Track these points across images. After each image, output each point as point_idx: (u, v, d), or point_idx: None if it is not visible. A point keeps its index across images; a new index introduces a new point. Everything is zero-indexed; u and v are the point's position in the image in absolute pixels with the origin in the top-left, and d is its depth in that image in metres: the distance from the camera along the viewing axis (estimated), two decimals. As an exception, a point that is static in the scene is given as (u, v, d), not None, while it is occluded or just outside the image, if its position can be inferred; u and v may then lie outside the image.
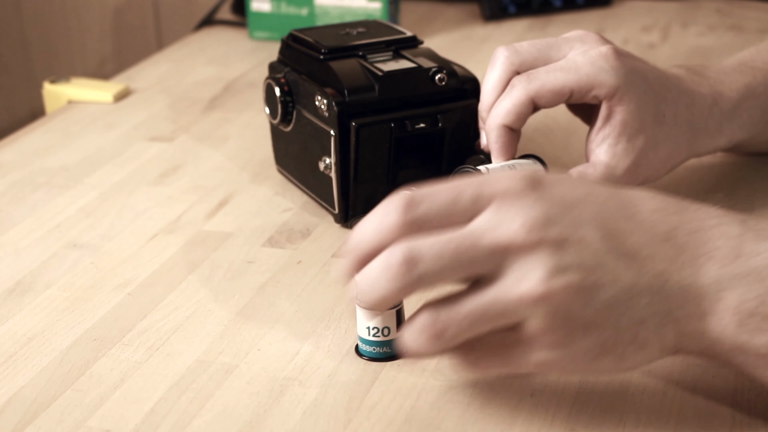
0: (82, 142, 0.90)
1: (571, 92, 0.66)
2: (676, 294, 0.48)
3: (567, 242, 0.46)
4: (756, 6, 1.30)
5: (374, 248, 0.48)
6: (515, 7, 1.26)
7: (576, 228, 0.47)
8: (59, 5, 1.66)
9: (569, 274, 0.46)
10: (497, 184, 0.48)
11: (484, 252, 0.46)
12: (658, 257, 0.48)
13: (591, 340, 0.47)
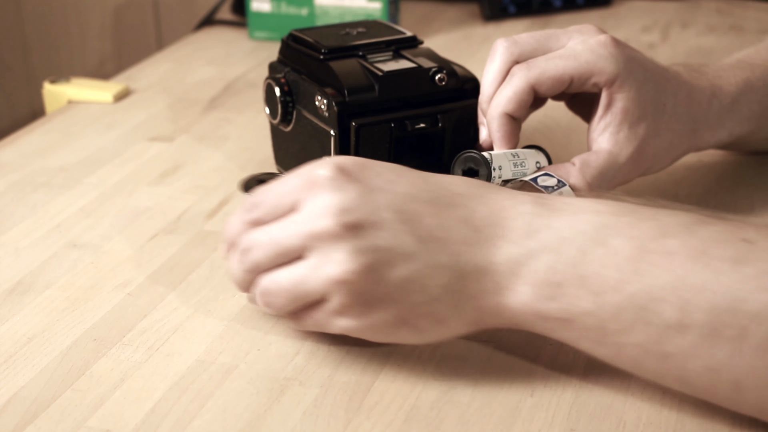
0: (82, 142, 0.90)
1: (570, 79, 0.66)
2: (471, 272, 0.52)
3: (364, 226, 0.52)
4: (756, 6, 1.30)
5: (231, 242, 0.56)
6: (515, 7, 1.26)
7: (374, 213, 0.52)
8: (59, 5, 1.66)
9: (365, 256, 0.51)
10: (308, 175, 0.54)
11: (295, 240, 0.53)
12: (453, 238, 0.52)
13: (388, 314, 0.53)
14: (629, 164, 0.67)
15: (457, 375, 0.56)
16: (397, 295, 0.52)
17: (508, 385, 0.55)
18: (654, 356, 0.50)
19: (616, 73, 0.66)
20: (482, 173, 0.64)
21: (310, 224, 0.52)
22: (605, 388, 0.54)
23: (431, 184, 0.54)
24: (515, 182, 0.65)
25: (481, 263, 0.52)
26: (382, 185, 0.53)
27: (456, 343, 0.59)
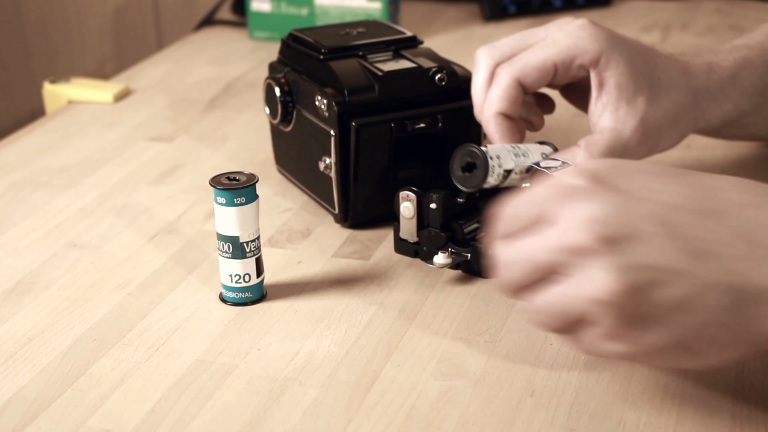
0: (82, 142, 0.90)
1: (554, 65, 0.66)
2: (754, 292, 0.46)
3: (626, 241, 0.46)
4: (756, 6, 1.30)
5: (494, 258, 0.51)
6: (515, 7, 1.26)
7: (635, 226, 0.46)
8: (59, 5, 1.66)
9: (628, 274, 0.45)
10: (560, 184, 0.48)
11: (549, 255, 0.47)
12: (728, 253, 0.46)
13: (662, 338, 0.47)
14: (635, 139, 0.66)
15: (457, 375, 0.56)
16: (670, 318, 0.46)
17: (508, 385, 0.55)
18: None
19: (599, 51, 0.66)
20: (479, 164, 0.63)
21: (565, 238, 0.47)
22: (605, 388, 0.54)
23: (698, 190, 0.48)
24: (519, 171, 0.64)
25: (764, 283, 0.46)
26: (642, 193, 0.47)
27: (456, 342, 0.59)
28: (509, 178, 0.64)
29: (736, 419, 0.52)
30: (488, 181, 0.63)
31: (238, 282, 0.62)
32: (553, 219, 0.48)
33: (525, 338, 0.59)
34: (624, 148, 0.66)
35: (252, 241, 0.62)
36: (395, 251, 0.69)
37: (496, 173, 0.63)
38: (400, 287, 0.65)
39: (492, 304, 0.63)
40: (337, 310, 0.62)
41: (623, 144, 0.66)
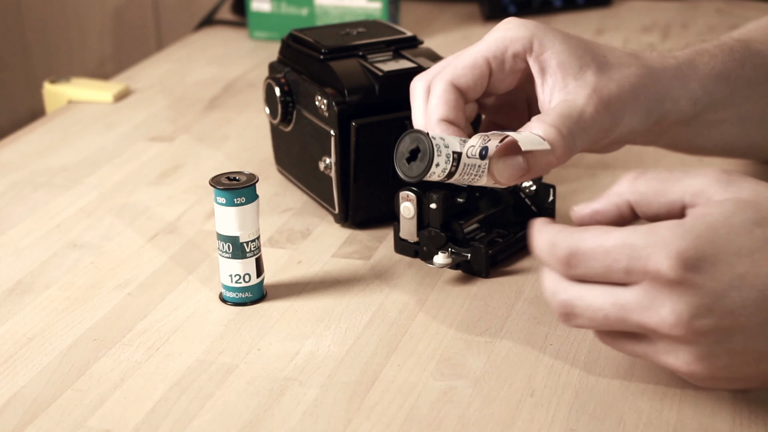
0: (82, 142, 0.90)
1: (486, 61, 0.63)
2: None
3: (720, 331, 0.47)
4: (756, 6, 1.30)
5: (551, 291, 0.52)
6: (515, 7, 1.26)
7: (729, 317, 0.47)
8: (59, 5, 1.66)
9: (718, 358, 0.48)
10: (649, 262, 0.47)
11: (632, 326, 0.49)
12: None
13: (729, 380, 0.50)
14: (591, 107, 0.61)
15: (457, 375, 0.56)
16: (744, 374, 0.49)
17: (508, 385, 0.55)
18: None
19: (529, 36, 0.63)
20: (423, 147, 0.57)
21: (654, 321, 0.47)
22: (605, 388, 0.54)
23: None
24: (471, 155, 0.58)
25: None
26: (734, 282, 0.46)
27: (456, 342, 0.59)
28: (464, 165, 0.58)
29: (736, 419, 0.52)
30: (437, 162, 0.56)
31: (238, 282, 0.62)
32: (637, 291, 0.48)
33: (525, 338, 0.59)
34: (580, 116, 0.61)
35: (252, 241, 0.62)
36: (395, 251, 0.69)
37: (444, 154, 0.57)
38: (400, 287, 0.65)
39: (492, 304, 0.63)
40: (337, 310, 0.62)
41: (578, 111, 0.61)
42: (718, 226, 0.47)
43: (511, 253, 0.68)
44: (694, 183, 0.50)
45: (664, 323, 0.47)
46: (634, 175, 0.53)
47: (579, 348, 0.58)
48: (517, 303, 0.62)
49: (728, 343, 0.47)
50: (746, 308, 0.46)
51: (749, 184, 0.49)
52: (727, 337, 0.47)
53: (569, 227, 0.51)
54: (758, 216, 0.47)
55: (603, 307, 0.49)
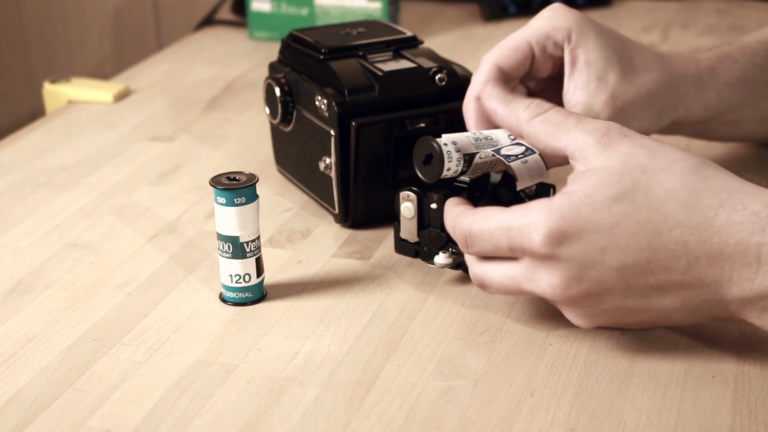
0: (82, 142, 0.90)
1: (529, 46, 0.67)
2: (706, 303, 0.54)
3: (592, 297, 0.54)
4: (756, 6, 1.30)
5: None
6: (515, 7, 1.26)
7: (598, 285, 0.54)
8: (59, 5, 1.66)
9: (595, 318, 0.56)
10: (524, 242, 0.54)
11: (528, 294, 0.56)
12: (681, 289, 0.54)
13: (627, 320, 0.56)
14: (605, 113, 0.66)
15: (457, 375, 0.56)
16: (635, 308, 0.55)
17: (508, 385, 0.55)
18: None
19: (569, 27, 0.67)
20: (435, 153, 0.61)
21: (540, 290, 0.55)
22: (605, 388, 0.54)
23: (648, 238, 0.53)
24: (484, 156, 0.62)
25: (717, 297, 0.53)
26: (596, 255, 0.53)
27: (456, 342, 0.59)
28: (476, 165, 0.62)
29: (736, 419, 0.52)
30: (449, 167, 0.61)
31: (238, 282, 0.62)
32: (520, 262, 0.56)
33: (525, 338, 0.59)
34: None
35: (252, 241, 0.62)
36: (395, 251, 0.69)
37: (455, 159, 0.61)
38: (400, 287, 0.65)
39: (492, 304, 0.63)
40: (337, 310, 0.62)
41: (594, 117, 0.66)
42: (580, 206, 0.53)
43: (511, 253, 0.68)
44: (578, 139, 0.56)
45: (544, 293, 0.55)
46: (535, 111, 0.60)
47: (579, 348, 0.58)
48: (517, 303, 0.62)
49: (602, 304, 0.54)
50: (610, 275, 0.53)
51: (623, 149, 0.55)
52: (600, 300, 0.54)
53: (468, 209, 0.59)
54: (618, 191, 0.53)
55: (501, 280, 0.57)
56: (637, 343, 0.58)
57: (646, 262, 0.53)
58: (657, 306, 0.54)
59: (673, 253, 0.52)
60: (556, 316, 0.61)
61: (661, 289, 0.54)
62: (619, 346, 0.58)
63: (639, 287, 0.54)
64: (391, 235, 0.70)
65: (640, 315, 0.55)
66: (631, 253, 0.53)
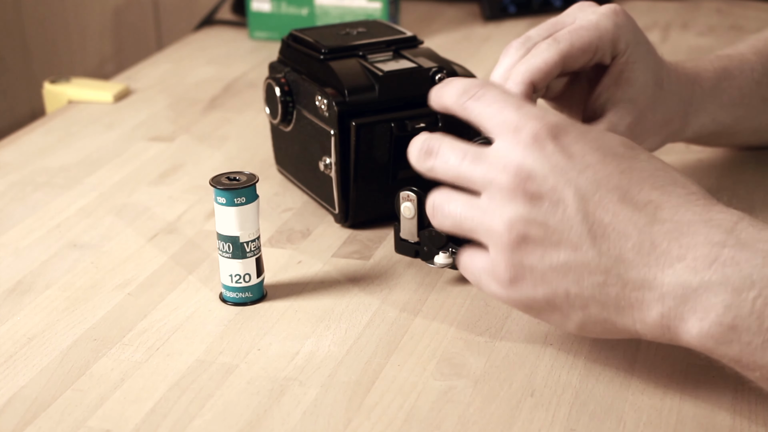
0: (82, 142, 0.90)
1: (595, 49, 0.65)
2: (635, 283, 0.49)
3: (543, 199, 0.50)
4: (756, 6, 1.30)
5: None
6: (515, 7, 1.26)
7: (558, 190, 0.50)
8: (59, 5, 1.66)
9: (531, 226, 0.51)
10: (518, 122, 0.52)
11: (476, 177, 0.53)
12: (625, 243, 0.49)
13: (537, 294, 0.52)
14: (625, 135, 0.65)
15: (457, 375, 0.56)
16: (548, 279, 0.51)
17: (508, 385, 0.55)
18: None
19: (629, 40, 0.66)
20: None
21: (495, 173, 0.52)
22: (605, 388, 0.54)
23: (627, 178, 0.51)
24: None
25: (648, 277, 0.49)
26: (579, 163, 0.51)
27: (456, 342, 0.59)
28: None
29: (736, 419, 0.52)
30: None
31: (238, 282, 0.62)
32: (497, 144, 0.52)
33: (525, 338, 0.59)
34: None
35: (252, 241, 0.62)
36: (395, 251, 0.69)
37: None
38: (400, 287, 0.65)
39: (492, 304, 0.63)
40: (337, 310, 0.62)
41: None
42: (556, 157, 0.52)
43: (511, 253, 0.68)
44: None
45: (504, 174, 0.52)
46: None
47: (579, 348, 0.58)
48: (517, 303, 0.62)
49: (546, 214, 0.50)
50: (573, 189, 0.50)
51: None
52: (548, 208, 0.50)
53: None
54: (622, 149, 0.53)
55: (458, 203, 0.54)
56: (637, 343, 0.58)
57: (613, 198, 0.50)
58: (589, 254, 0.50)
59: (641, 203, 0.50)
60: (556, 316, 0.61)
61: (604, 236, 0.49)
62: (619, 346, 0.58)
63: (592, 218, 0.50)
64: (391, 235, 0.70)
65: (563, 252, 0.50)
66: (606, 178, 0.50)
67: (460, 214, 0.54)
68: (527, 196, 0.51)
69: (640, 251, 0.49)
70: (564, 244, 0.50)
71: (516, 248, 0.51)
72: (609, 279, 0.50)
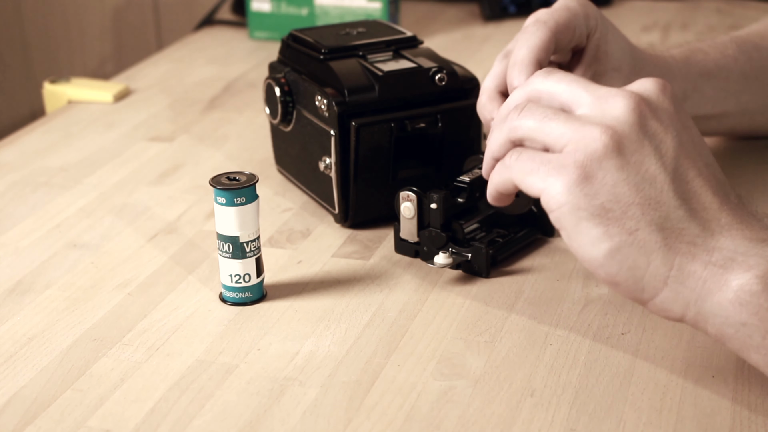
0: (82, 142, 0.90)
1: (574, 27, 0.67)
2: (691, 235, 0.51)
3: (648, 127, 0.52)
4: (756, 6, 1.30)
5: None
6: (515, 7, 1.26)
7: (664, 126, 0.53)
8: (59, 5, 1.66)
9: (629, 142, 0.52)
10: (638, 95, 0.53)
11: (563, 132, 0.53)
12: (698, 203, 0.52)
13: (599, 199, 0.51)
14: None
15: (457, 375, 0.56)
16: (619, 189, 0.51)
17: (508, 385, 0.55)
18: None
19: (597, 18, 0.68)
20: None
21: (613, 95, 0.53)
22: (605, 388, 0.54)
23: (709, 155, 0.54)
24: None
25: (705, 233, 0.51)
26: (684, 121, 0.54)
27: (456, 342, 0.59)
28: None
29: (736, 419, 0.52)
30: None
31: (238, 282, 0.62)
32: (591, 113, 0.53)
33: (525, 338, 0.59)
34: None
35: (252, 241, 0.62)
36: (395, 251, 0.69)
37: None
38: (400, 287, 0.65)
39: (492, 304, 0.63)
40: (337, 310, 0.62)
41: None
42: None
43: (511, 253, 0.68)
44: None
45: (605, 120, 0.52)
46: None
47: (579, 348, 0.58)
48: (517, 303, 0.62)
49: (643, 162, 0.52)
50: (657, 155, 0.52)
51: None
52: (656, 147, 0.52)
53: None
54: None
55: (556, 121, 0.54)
56: (637, 343, 0.58)
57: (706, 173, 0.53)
58: (665, 210, 0.52)
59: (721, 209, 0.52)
60: (556, 316, 0.61)
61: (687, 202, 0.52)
62: (619, 346, 0.58)
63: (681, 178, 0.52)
64: (391, 235, 0.70)
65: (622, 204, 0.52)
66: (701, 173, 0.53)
67: (553, 114, 0.53)
68: (639, 115, 0.52)
69: (705, 214, 0.52)
70: (648, 171, 0.52)
71: (604, 151, 0.51)
72: (671, 218, 0.51)
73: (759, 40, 0.80)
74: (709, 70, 0.75)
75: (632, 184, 0.51)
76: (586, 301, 0.62)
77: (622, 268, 0.52)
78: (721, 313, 0.50)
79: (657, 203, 0.51)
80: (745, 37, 0.80)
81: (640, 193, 0.51)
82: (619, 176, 0.51)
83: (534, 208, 0.70)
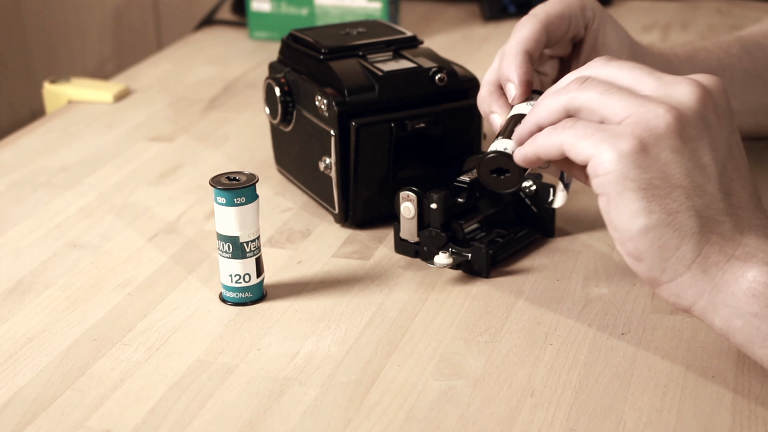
0: (82, 142, 0.90)
1: (569, 18, 0.68)
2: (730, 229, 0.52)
3: (709, 115, 0.53)
4: (756, 6, 1.30)
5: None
6: (515, 7, 1.26)
7: (725, 119, 0.54)
8: (59, 5, 1.66)
9: (692, 126, 0.52)
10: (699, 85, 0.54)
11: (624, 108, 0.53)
12: (737, 200, 0.53)
13: (649, 173, 0.51)
14: None
15: (457, 375, 0.56)
16: (670, 169, 0.52)
17: (507, 385, 0.55)
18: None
19: (594, 9, 0.69)
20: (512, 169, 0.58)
21: (679, 82, 0.53)
22: (605, 388, 0.54)
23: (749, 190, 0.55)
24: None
25: (737, 231, 0.52)
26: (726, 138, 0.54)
27: (456, 342, 0.59)
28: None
29: (736, 419, 0.52)
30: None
31: (238, 282, 0.62)
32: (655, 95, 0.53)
33: (525, 338, 0.59)
34: None
35: (252, 241, 0.62)
36: (395, 251, 0.69)
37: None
38: (400, 287, 0.65)
39: (492, 304, 0.63)
40: (337, 310, 0.62)
41: None
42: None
43: (511, 253, 0.68)
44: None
45: (680, 99, 0.53)
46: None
47: (579, 348, 0.58)
48: (517, 303, 0.62)
49: (700, 150, 0.52)
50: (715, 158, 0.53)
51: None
52: (703, 145, 0.53)
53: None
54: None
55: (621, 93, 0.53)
56: (637, 343, 0.58)
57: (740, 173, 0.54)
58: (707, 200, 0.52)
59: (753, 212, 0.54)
60: (556, 316, 0.61)
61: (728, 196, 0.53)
62: (619, 346, 0.58)
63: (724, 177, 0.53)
64: (391, 235, 0.70)
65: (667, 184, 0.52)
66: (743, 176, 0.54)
67: (617, 89, 0.53)
68: (703, 105, 0.53)
69: (741, 212, 0.53)
70: (701, 159, 0.52)
71: (666, 129, 0.51)
72: (711, 208, 0.52)
73: (763, 39, 0.80)
74: (713, 69, 0.75)
75: (684, 168, 0.52)
76: (586, 301, 0.62)
77: (652, 246, 0.52)
78: (733, 303, 0.51)
79: (702, 192, 0.52)
80: (748, 37, 0.80)
81: (688, 178, 0.52)
82: (673, 157, 0.52)
83: (534, 208, 0.70)
